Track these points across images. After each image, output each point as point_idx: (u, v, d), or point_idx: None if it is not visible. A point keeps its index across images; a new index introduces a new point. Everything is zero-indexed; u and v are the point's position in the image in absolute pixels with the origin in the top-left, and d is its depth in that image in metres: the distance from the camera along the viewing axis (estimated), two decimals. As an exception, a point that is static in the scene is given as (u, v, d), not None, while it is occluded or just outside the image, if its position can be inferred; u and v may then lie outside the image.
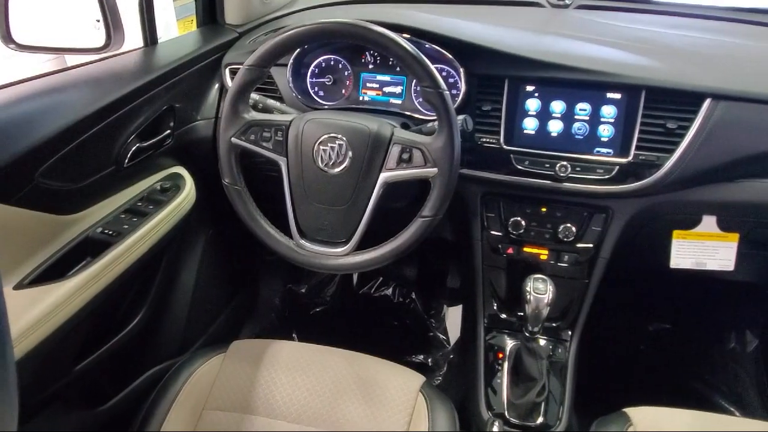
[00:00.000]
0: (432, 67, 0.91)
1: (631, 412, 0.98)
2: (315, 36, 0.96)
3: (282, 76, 1.27)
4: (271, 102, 1.17)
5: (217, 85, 1.38)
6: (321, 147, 0.98)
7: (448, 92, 0.91)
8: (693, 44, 1.27)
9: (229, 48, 1.40)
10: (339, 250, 0.99)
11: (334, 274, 1.97)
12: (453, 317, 1.83)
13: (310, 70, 1.31)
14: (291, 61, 1.25)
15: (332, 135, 0.98)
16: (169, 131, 1.24)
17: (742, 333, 1.76)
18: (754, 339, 1.73)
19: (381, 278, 1.97)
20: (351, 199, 0.98)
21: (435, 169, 0.93)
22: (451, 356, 1.71)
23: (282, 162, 1.00)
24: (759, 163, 1.08)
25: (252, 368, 1.06)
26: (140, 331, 1.23)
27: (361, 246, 0.99)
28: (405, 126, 1.12)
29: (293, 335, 1.82)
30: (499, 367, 1.18)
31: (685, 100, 1.07)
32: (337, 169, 0.97)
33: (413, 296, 1.92)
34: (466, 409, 1.20)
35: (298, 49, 1.25)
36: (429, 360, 1.74)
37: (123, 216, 1.12)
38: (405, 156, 0.95)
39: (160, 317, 1.37)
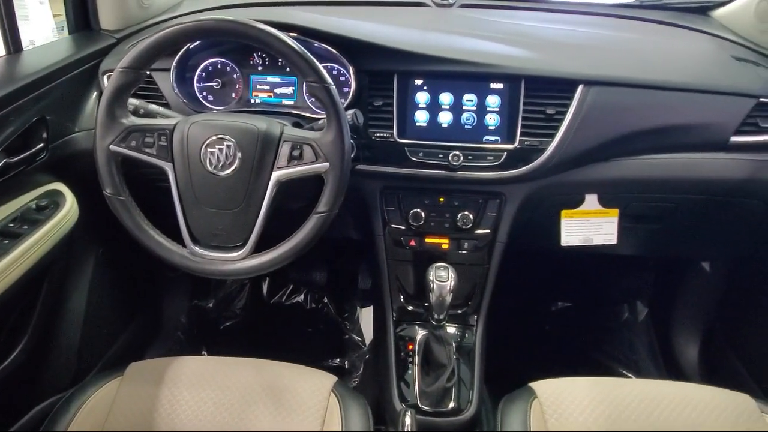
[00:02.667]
0: (316, 61, 0.91)
1: (535, 385, 1.02)
2: (193, 34, 0.93)
3: (165, 81, 1.22)
4: (153, 107, 1.11)
5: (95, 94, 1.29)
6: (208, 149, 0.94)
7: (334, 86, 0.91)
8: (566, 36, 1.36)
9: (106, 55, 1.32)
10: (235, 254, 0.96)
11: (243, 285, 1.92)
12: (367, 317, 1.83)
13: (196, 74, 1.26)
14: (174, 64, 1.20)
15: (220, 136, 0.94)
16: (42, 144, 1.14)
17: (633, 304, 1.90)
18: (644, 308, 1.88)
19: (291, 286, 1.94)
20: (244, 201, 0.95)
21: (327, 164, 0.92)
22: (367, 356, 1.71)
23: (168, 168, 0.96)
24: (629, 143, 1.16)
25: (152, 389, 1.00)
26: (23, 364, 1.12)
27: (261, 249, 0.97)
28: (297, 125, 1.11)
29: (203, 353, 1.74)
30: (410, 358, 1.19)
31: (560, 87, 1.14)
32: (227, 171, 0.94)
33: (325, 301, 1.90)
34: (381, 404, 1.20)
35: (181, 52, 1.20)
36: (345, 362, 1.73)
37: None
38: (296, 153, 0.94)
39: (47, 347, 1.26)
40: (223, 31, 0.92)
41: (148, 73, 1.20)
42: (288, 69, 1.26)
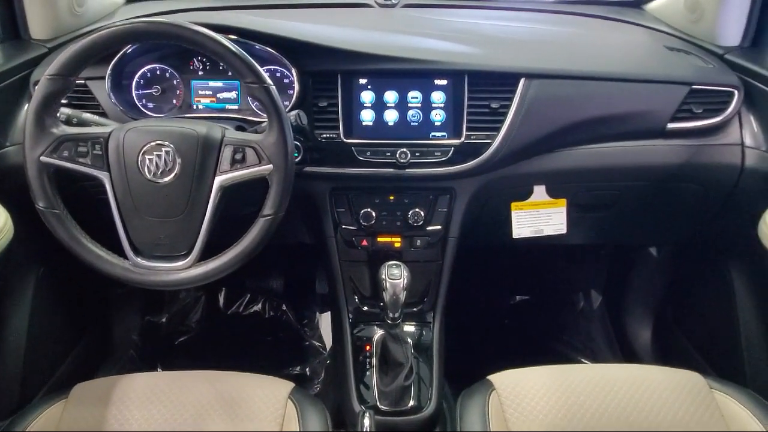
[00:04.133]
0: (253, 61, 0.89)
1: (493, 378, 1.03)
2: (124, 38, 0.90)
3: (101, 90, 1.17)
4: (88, 116, 1.07)
5: (26, 107, 1.23)
6: (146, 156, 0.91)
7: (273, 86, 0.90)
8: (508, 32, 1.38)
9: (37, 65, 1.26)
10: (180, 263, 0.93)
11: (198, 297, 1.87)
12: (327, 323, 1.81)
13: (134, 81, 1.22)
14: (109, 71, 1.16)
15: (158, 142, 0.91)
16: None
17: (588, 293, 1.94)
18: (599, 296, 1.92)
19: (249, 295, 1.90)
20: (187, 208, 0.92)
21: (270, 166, 0.91)
22: (328, 362, 1.69)
23: (104, 177, 0.92)
24: (571, 133, 1.19)
25: (99, 410, 0.95)
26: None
27: (209, 257, 0.94)
28: (241, 129, 1.09)
29: (158, 370, 1.68)
30: (368, 359, 1.18)
31: (503, 81, 1.16)
32: (167, 178, 0.91)
33: (284, 308, 1.87)
34: (341, 407, 1.18)
35: (117, 59, 1.16)
36: (306, 369, 1.71)
37: None
38: (238, 156, 0.92)
39: (-15, 374, 1.19)
40: (156, 34, 0.89)
41: (82, 81, 1.17)
42: (230, 73, 1.23)
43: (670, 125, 1.20)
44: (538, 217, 1.28)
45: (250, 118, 1.20)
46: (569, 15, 1.52)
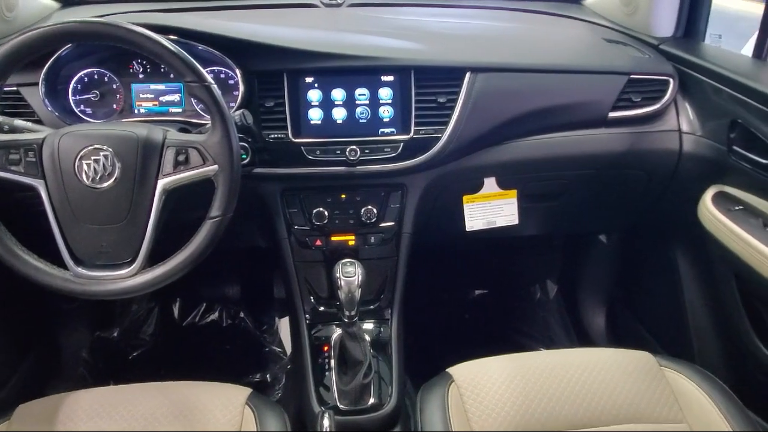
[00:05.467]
0: (192, 59, 0.87)
1: (452, 370, 1.03)
2: (53, 39, 0.86)
3: (35, 96, 1.12)
4: (20, 123, 1.02)
5: (-46, 117, 1.17)
6: (84, 162, 0.87)
7: (215, 85, 0.88)
8: (452, 28, 1.40)
9: None
10: (124, 271, 0.89)
11: (151, 309, 1.81)
12: (286, 327, 1.77)
13: (70, 87, 1.18)
14: (42, 76, 1.11)
15: (95, 147, 0.88)
16: None
17: (544, 284, 1.98)
18: (554, 286, 1.96)
19: (204, 304, 1.85)
20: (129, 214, 0.89)
21: (215, 167, 0.89)
22: (289, 366, 1.66)
23: (39, 185, 0.88)
24: (518, 125, 1.21)
25: (44, 429, 0.91)
26: None
27: (156, 263, 0.91)
28: (184, 131, 1.06)
29: (111, 387, 1.62)
30: (327, 360, 1.17)
31: (449, 76, 1.17)
32: (107, 184, 0.88)
33: (242, 315, 1.84)
34: (302, 410, 1.17)
35: (50, 63, 1.11)
36: (267, 376, 1.67)
37: None
38: (181, 158, 0.89)
39: None
40: (88, 34, 0.86)
41: (14, 87, 1.12)
42: (172, 75, 1.20)
43: (612, 114, 1.24)
44: (490, 209, 1.29)
45: (195, 121, 1.17)
46: (512, 11, 1.55)
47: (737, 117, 1.12)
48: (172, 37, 1.08)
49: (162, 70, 1.20)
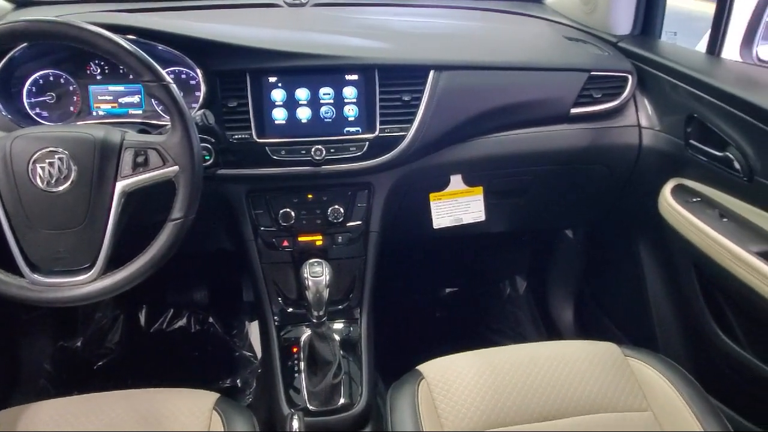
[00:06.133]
0: (149, 58, 0.85)
1: (422, 367, 1.03)
2: (1, 39, 0.83)
3: None
4: None
5: None
6: (38, 165, 0.85)
7: (173, 84, 0.86)
8: (416, 27, 1.41)
9: None
10: (83, 277, 0.87)
11: (116, 317, 1.76)
12: (256, 331, 1.75)
13: (25, 89, 1.14)
14: (-7, 78, 1.07)
15: (50, 149, 0.85)
16: None
17: (513, 280, 2.00)
18: (524, 282, 1.99)
19: (172, 310, 1.81)
20: (87, 218, 0.86)
21: (176, 167, 0.87)
22: (260, 370, 1.64)
23: None
24: (482, 122, 1.23)
25: (2, 444, 0.88)
26: None
27: (116, 267, 0.89)
28: (144, 132, 1.04)
29: (75, 399, 1.57)
30: (296, 361, 1.16)
31: (413, 74, 1.18)
32: (62, 187, 0.85)
33: (210, 320, 1.80)
34: (271, 413, 1.15)
35: (2, 64, 1.08)
36: (237, 381, 1.65)
37: None
38: (140, 159, 0.87)
39: None
40: (38, 33, 0.83)
41: None
42: (131, 76, 1.17)
43: (574, 110, 1.26)
44: (457, 206, 1.30)
45: (156, 122, 1.15)
46: (474, 10, 1.57)
47: (693, 112, 1.15)
48: (130, 36, 1.06)
49: (121, 71, 1.18)
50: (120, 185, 0.87)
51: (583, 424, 0.93)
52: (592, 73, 1.26)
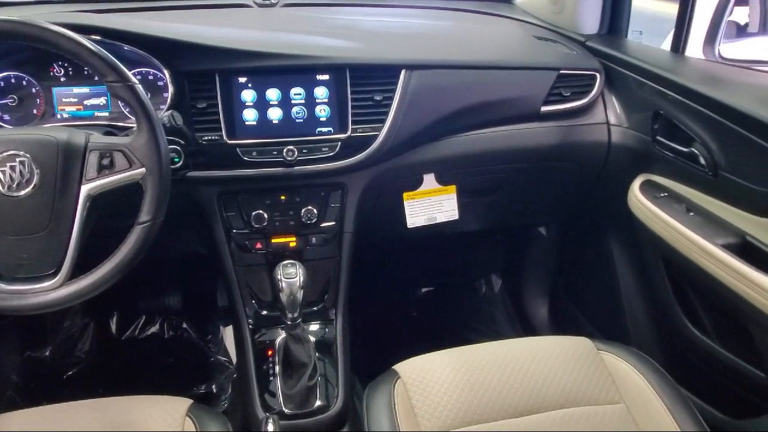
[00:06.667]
0: (113, 58, 0.83)
1: (398, 367, 1.03)
2: None
3: None
4: None
5: None
6: None
7: (138, 84, 0.84)
8: (387, 27, 1.41)
9: None
10: (48, 283, 0.84)
11: (85, 324, 1.72)
12: (231, 336, 1.73)
13: (-15, 92, 1.11)
14: (-49, 81, 1.04)
15: (11, 153, 0.83)
16: None
17: (489, 278, 2.01)
18: (499, 280, 2.00)
19: (144, 317, 1.78)
20: (51, 223, 0.84)
21: (143, 170, 0.85)
22: (235, 375, 1.62)
23: None
24: (454, 121, 1.23)
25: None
26: None
27: (83, 273, 0.87)
28: (110, 134, 1.02)
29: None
30: (271, 364, 1.15)
31: (384, 74, 1.18)
32: (24, 192, 0.83)
33: (184, 326, 1.77)
34: (247, 418, 1.14)
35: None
36: (213, 387, 1.62)
37: None
38: (105, 162, 0.85)
39: None
40: None
41: None
42: (96, 78, 1.15)
43: (544, 108, 1.28)
44: (431, 205, 1.30)
45: (122, 124, 1.13)
46: (444, 10, 1.58)
47: (659, 108, 1.18)
48: (94, 37, 1.03)
49: (86, 72, 1.15)
50: (85, 189, 0.85)
51: (557, 419, 0.93)
52: (561, 71, 1.28)
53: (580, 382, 0.98)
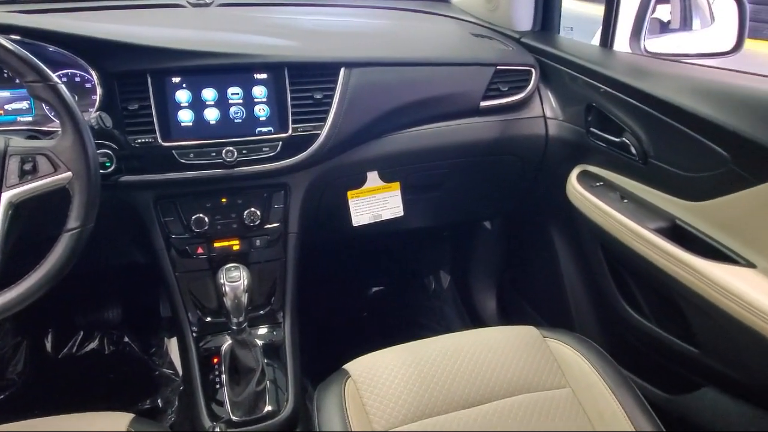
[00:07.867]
0: (32, 57, 0.79)
1: (348, 366, 1.02)
2: None
3: None
4: None
5: None
6: None
7: (60, 84, 0.80)
8: (325, 25, 1.40)
9: None
10: (-34, 298, 0.79)
11: (17, 344, 1.62)
12: (177, 347, 1.68)
13: None
14: None
15: None
16: None
17: (437, 275, 2.03)
18: (447, 276, 2.02)
19: (82, 333, 1.70)
20: None
21: (68, 174, 0.81)
22: (182, 387, 1.56)
23: None
24: (395, 117, 1.24)
25: None
26: None
27: (7, 286, 0.81)
28: (33, 138, 0.96)
29: (-26, 437, 1.43)
30: (217, 372, 1.11)
31: (324, 72, 1.17)
32: None
33: (126, 340, 1.70)
34: (194, 429, 1.10)
35: None
36: (159, 401, 1.56)
37: None
38: (28, 167, 0.81)
39: None
40: None
41: None
42: (17, 81, 1.08)
43: (483, 103, 1.30)
44: (375, 203, 1.30)
45: (47, 128, 1.06)
46: (382, 9, 1.59)
47: (592, 101, 1.22)
48: (13, 36, 0.98)
49: (6, 74, 1.09)
50: (6, 196, 0.80)
51: (507, 407, 0.95)
52: (498, 67, 1.30)
53: (528, 369, 1.00)
